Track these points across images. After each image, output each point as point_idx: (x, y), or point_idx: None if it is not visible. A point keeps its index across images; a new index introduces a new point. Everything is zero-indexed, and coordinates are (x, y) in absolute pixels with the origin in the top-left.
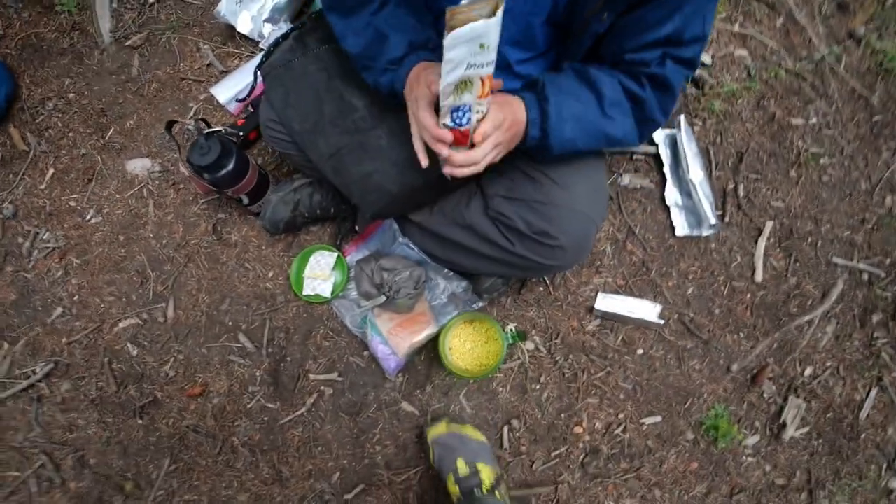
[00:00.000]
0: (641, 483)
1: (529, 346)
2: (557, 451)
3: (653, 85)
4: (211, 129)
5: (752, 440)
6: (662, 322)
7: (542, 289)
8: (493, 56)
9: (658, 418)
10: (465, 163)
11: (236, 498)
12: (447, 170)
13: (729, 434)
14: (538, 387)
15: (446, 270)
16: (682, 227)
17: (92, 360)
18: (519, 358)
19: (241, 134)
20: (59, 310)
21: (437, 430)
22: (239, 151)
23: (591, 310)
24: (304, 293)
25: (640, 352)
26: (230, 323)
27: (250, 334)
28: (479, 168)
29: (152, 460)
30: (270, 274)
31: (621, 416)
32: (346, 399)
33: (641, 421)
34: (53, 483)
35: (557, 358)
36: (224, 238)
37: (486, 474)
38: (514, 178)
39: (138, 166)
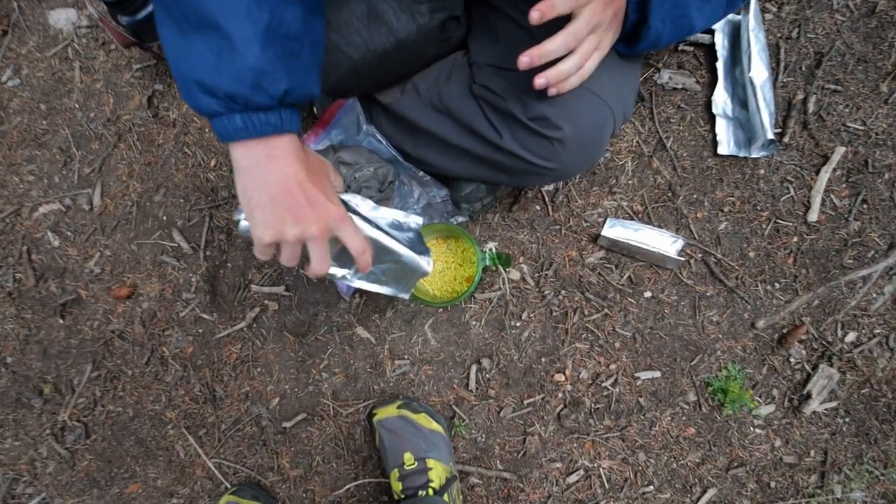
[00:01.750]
0: (625, 444)
1: (515, 275)
2: (532, 399)
3: None
4: None
5: (766, 410)
6: (682, 260)
7: (538, 207)
8: None
9: (656, 373)
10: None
11: (164, 414)
12: (551, 90)
13: (739, 400)
14: (519, 324)
15: (422, 174)
16: (726, 145)
17: (10, 248)
18: (500, 288)
19: None
20: None
21: (387, 412)
22: None
23: (595, 238)
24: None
25: (647, 294)
26: (164, 217)
27: (187, 233)
28: (574, 66)
29: (74, 364)
30: (213, 163)
31: (613, 367)
32: (293, 317)
33: (636, 375)
34: None
35: (546, 292)
36: (161, 115)
37: (437, 472)
38: (513, 42)
39: (62, 19)
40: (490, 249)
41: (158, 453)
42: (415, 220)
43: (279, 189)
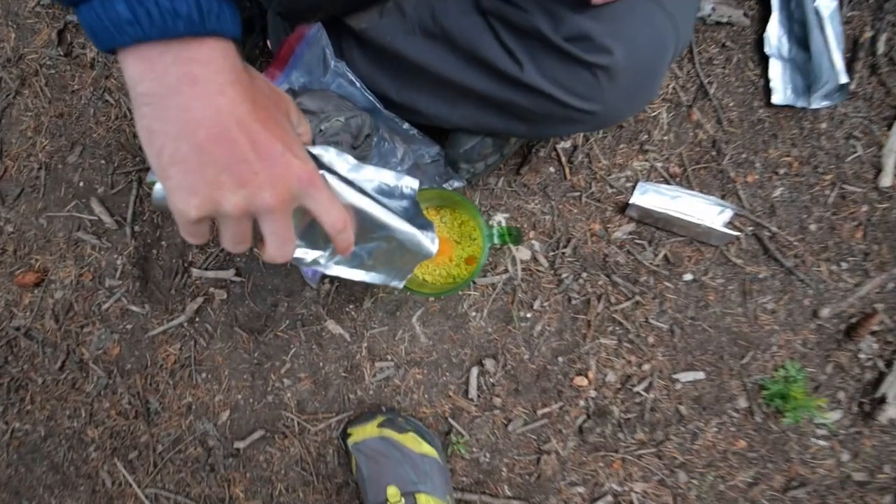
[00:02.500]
0: (662, 462)
1: (524, 254)
2: (547, 409)
3: None
4: None
5: (831, 417)
6: (731, 235)
7: (552, 169)
8: None
9: (700, 375)
10: None
11: (84, 432)
12: None
13: (802, 406)
14: (530, 315)
15: (407, 126)
16: (781, 92)
17: None
18: (506, 270)
19: None
20: None
21: (365, 432)
22: None
23: (623, 208)
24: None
25: (688, 277)
26: (81, 183)
27: (110, 203)
28: None
29: None
30: None
31: (646, 367)
32: (246, 309)
33: (675, 377)
34: None
35: (564, 275)
36: (75, 54)
37: None
38: None
39: None
40: (499, 223)
41: (79, 482)
42: (408, 184)
43: (208, 133)
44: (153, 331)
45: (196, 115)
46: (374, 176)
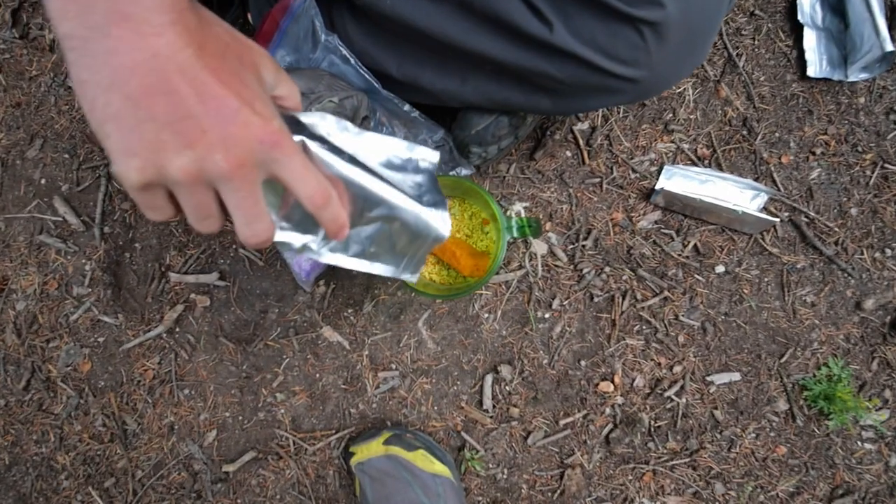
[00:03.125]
0: (696, 473)
1: (540, 247)
2: (570, 419)
3: None
4: None
5: (876, 418)
6: (768, 220)
7: (569, 153)
8: None
9: (735, 376)
10: None
11: (54, 458)
12: None
13: (848, 407)
14: (548, 316)
15: (408, 107)
16: (816, 64)
17: None
18: (521, 266)
19: None
20: None
21: (369, 451)
22: None
23: (648, 194)
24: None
25: (720, 269)
26: (43, 181)
27: (75, 201)
28: None
29: None
30: None
31: (678, 369)
32: (232, 317)
33: (708, 379)
34: None
35: (584, 270)
36: (33, 36)
37: None
38: None
39: None
40: (518, 214)
41: None
42: (425, 157)
43: (142, 82)
44: (128, 343)
45: (126, 61)
46: (380, 145)
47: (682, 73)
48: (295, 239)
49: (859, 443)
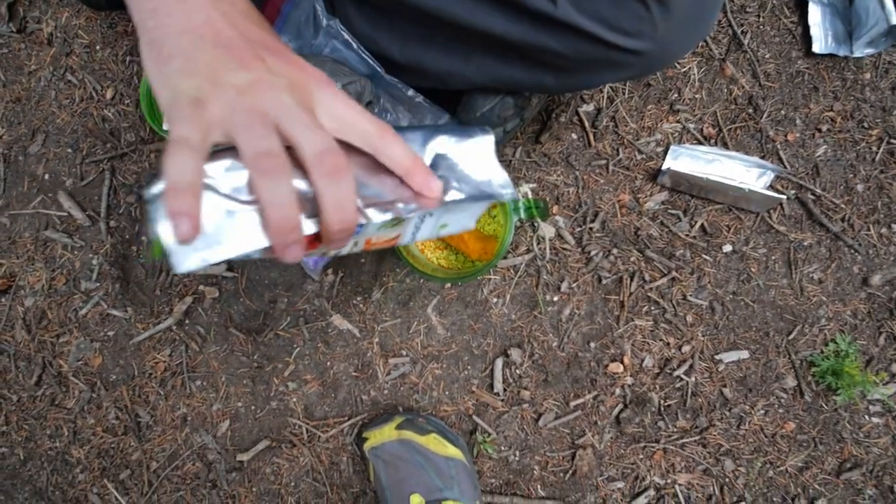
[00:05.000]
0: (706, 451)
1: (548, 230)
2: (580, 400)
3: None
4: None
5: (884, 392)
6: (774, 198)
7: (575, 136)
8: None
9: (744, 354)
10: None
11: (69, 453)
12: None
13: (856, 382)
14: (557, 299)
15: (412, 92)
16: (822, 40)
17: None
18: (529, 250)
19: None
20: None
21: (382, 435)
22: None
23: (654, 175)
24: (167, 127)
25: (727, 248)
26: (46, 176)
27: (80, 196)
28: None
29: None
30: (111, 94)
31: (686, 349)
32: (242, 307)
33: (717, 357)
34: None
35: (592, 252)
36: (30, 30)
37: None
38: None
39: None
40: (525, 195)
41: None
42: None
43: (210, 27)
44: (138, 337)
45: (196, 19)
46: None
47: (688, 45)
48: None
49: (867, 417)
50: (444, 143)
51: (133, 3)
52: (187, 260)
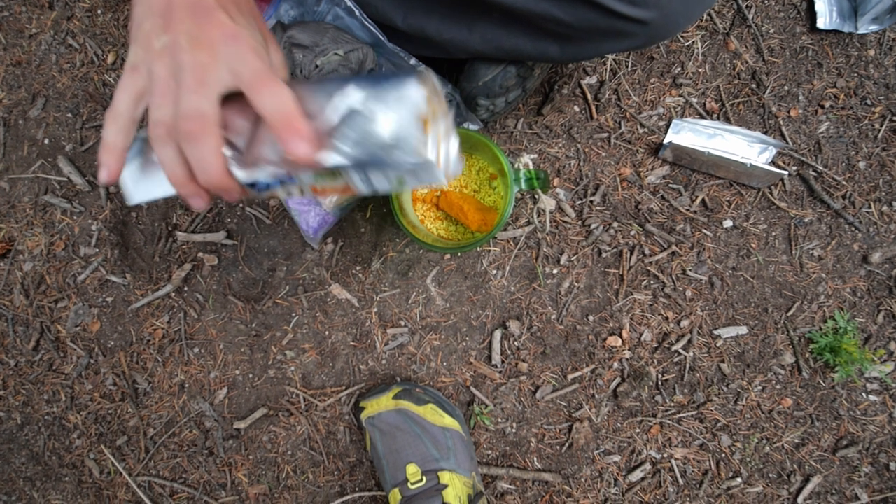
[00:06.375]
0: (703, 426)
1: (549, 203)
2: (578, 373)
3: None
4: None
5: (881, 370)
6: (776, 173)
7: (577, 108)
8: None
9: (742, 329)
10: None
11: (66, 418)
12: None
13: (854, 359)
14: (556, 271)
15: (413, 60)
16: (826, 16)
17: None
18: (529, 222)
19: None
20: None
21: (379, 405)
22: None
23: (656, 149)
24: None
25: (728, 224)
26: (46, 140)
27: (80, 161)
28: None
29: None
30: (111, 58)
31: (685, 323)
32: (241, 275)
33: (716, 332)
34: None
35: (592, 226)
36: None
37: (455, 489)
38: None
39: None
40: (526, 166)
41: (63, 472)
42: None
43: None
44: (137, 303)
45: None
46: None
47: (693, 15)
48: (258, 174)
49: (864, 394)
50: (357, 96)
51: None
52: (130, 197)
